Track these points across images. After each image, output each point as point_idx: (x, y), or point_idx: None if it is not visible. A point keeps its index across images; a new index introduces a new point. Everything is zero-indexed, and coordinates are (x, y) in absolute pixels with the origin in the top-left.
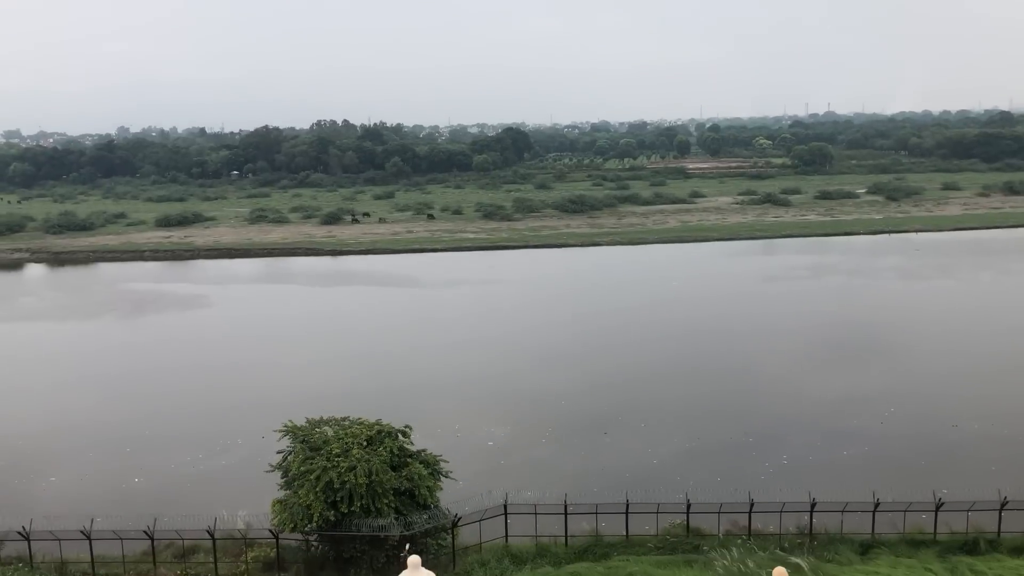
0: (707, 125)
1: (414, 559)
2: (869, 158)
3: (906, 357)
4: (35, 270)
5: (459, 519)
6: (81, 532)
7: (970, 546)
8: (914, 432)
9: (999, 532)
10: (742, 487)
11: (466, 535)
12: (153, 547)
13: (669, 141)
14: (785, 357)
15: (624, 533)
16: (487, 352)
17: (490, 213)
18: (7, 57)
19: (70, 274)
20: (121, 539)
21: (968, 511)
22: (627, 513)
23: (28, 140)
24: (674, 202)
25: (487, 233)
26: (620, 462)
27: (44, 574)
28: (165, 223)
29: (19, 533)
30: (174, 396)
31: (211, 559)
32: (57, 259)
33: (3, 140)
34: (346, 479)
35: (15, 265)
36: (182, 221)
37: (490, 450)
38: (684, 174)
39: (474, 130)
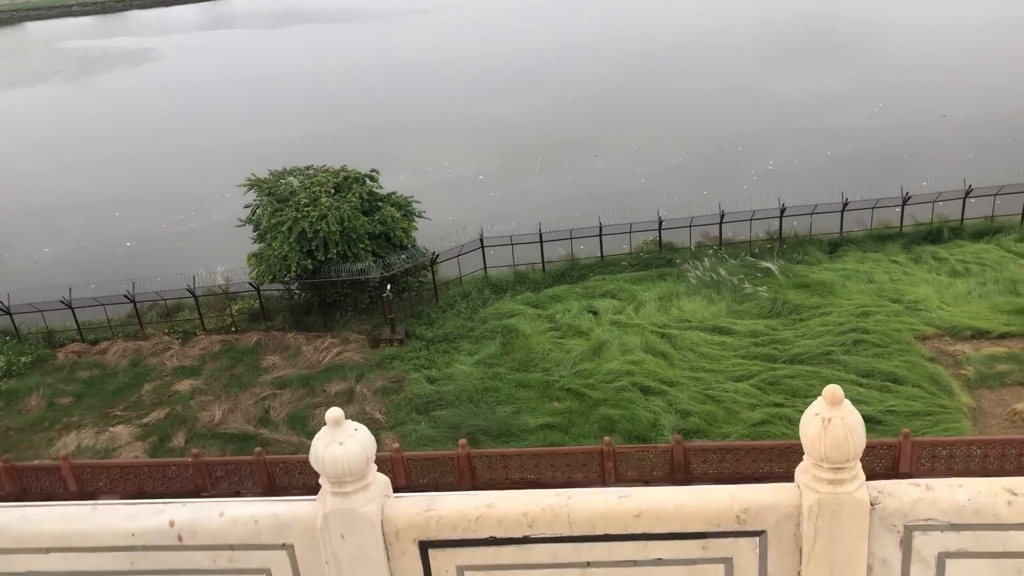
0: None
1: (334, 414)
2: None
3: (895, 50)
4: None
5: (437, 256)
6: (61, 302)
7: (934, 235)
8: (901, 125)
9: (962, 220)
10: (727, 198)
11: (446, 271)
12: (136, 309)
13: None
14: (763, 61)
15: (599, 255)
16: (460, 84)
17: None
18: None
19: None
20: (103, 305)
21: (934, 202)
22: (600, 236)
23: None
24: None
25: None
26: (610, 184)
27: (33, 344)
28: None
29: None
30: (141, 159)
31: (196, 316)
32: None
33: None
34: (319, 228)
35: None
36: None
37: (481, 184)
38: None
39: None
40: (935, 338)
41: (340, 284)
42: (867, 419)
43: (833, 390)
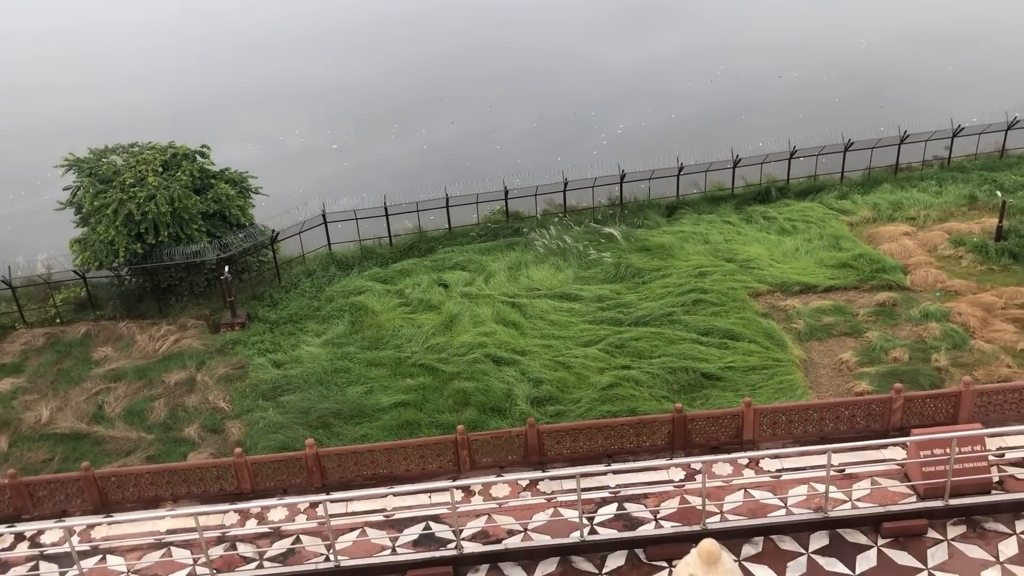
0: None
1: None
2: None
3: (733, 13)
4: None
5: (277, 234)
6: None
7: (763, 195)
8: (740, 86)
9: (788, 180)
10: (579, 163)
11: (288, 249)
12: None
13: None
14: (603, 29)
15: (447, 227)
16: (304, 47)
17: None
18: None
19: None
20: None
21: (762, 164)
22: (447, 207)
23: None
24: None
25: None
26: (466, 151)
27: None
28: None
29: None
30: None
31: (15, 308)
32: None
33: None
34: (147, 209)
35: None
36: None
37: (335, 154)
38: None
39: None
40: (767, 294)
41: (174, 268)
42: (708, 376)
43: (709, 548)
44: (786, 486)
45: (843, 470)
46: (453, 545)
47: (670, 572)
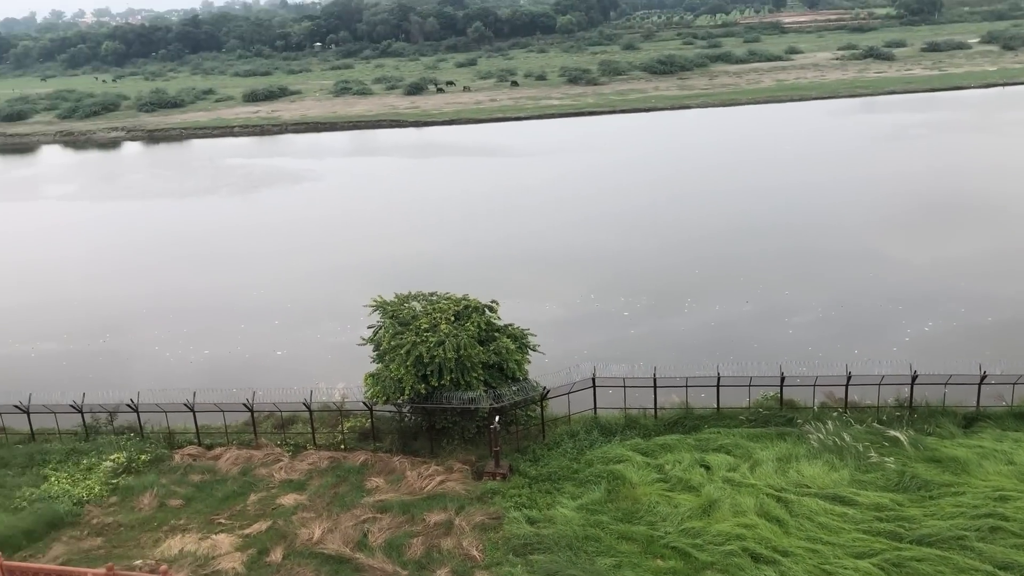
0: None
1: None
2: (983, 4)
3: None
4: (132, 148)
5: (548, 392)
6: (185, 405)
7: None
8: None
9: None
10: (876, 357)
11: (555, 407)
12: (253, 419)
13: None
14: (929, 219)
15: (715, 406)
16: (600, 221)
17: (575, 78)
18: None
19: (167, 151)
20: (223, 411)
21: None
22: (718, 386)
23: (117, 18)
24: (769, 60)
25: (572, 99)
26: (754, 331)
27: (154, 443)
28: (252, 98)
29: (128, 405)
30: (290, 271)
31: (309, 430)
32: (151, 136)
33: (94, 19)
34: (435, 354)
35: (113, 144)
36: (268, 95)
37: (624, 320)
38: (780, 29)
39: None
40: None
41: (450, 411)
42: None
43: None
44: None
45: None
46: None
47: None
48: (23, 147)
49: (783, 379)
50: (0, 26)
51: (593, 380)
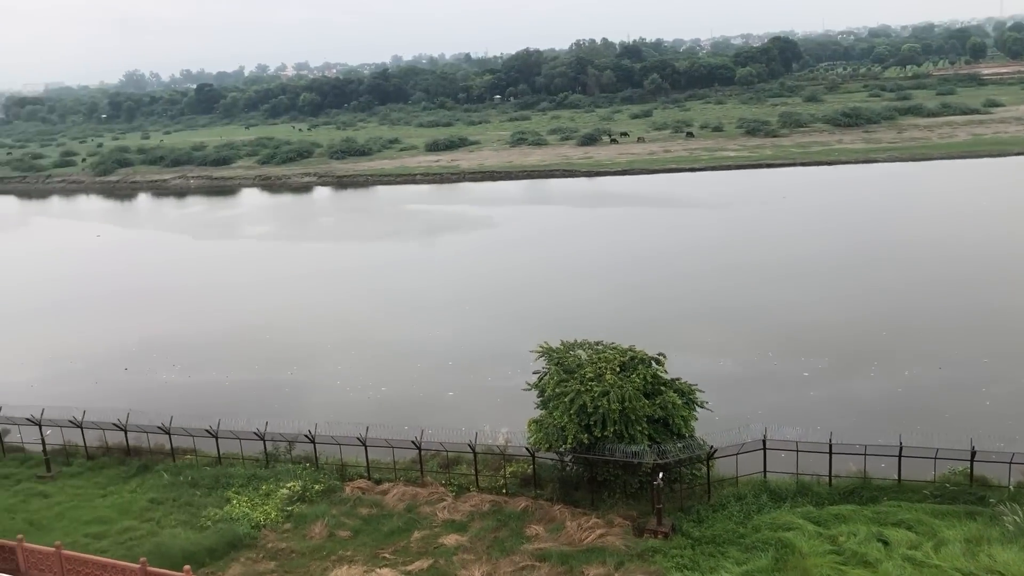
0: (1008, 24)
1: None
2: None
3: None
4: (322, 192)
5: (715, 451)
6: (357, 439)
7: None
8: None
9: None
10: None
11: (722, 467)
12: (420, 457)
13: (960, 45)
14: None
15: (896, 477)
16: (774, 274)
17: (753, 129)
18: None
19: (354, 196)
20: (392, 447)
21: None
22: (900, 456)
23: (315, 71)
24: (965, 113)
25: (749, 151)
26: (945, 400)
27: (327, 473)
28: (434, 147)
29: (306, 436)
30: (474, 310)
31: (472, 471)
32: (340, 182)
33: (294, 72)
34: (599, 404)
35: (305, 188)
36: (449, 145)
37: (802, 381)
38: (978, 81)
39: (738, 41)
40: None
41: (612, 464)
42: None
43: None
44: None
45: None
46: None
47: None
48: (226, 189)
49: (974, 453)
50: (214, 79)
51: (764, 442)
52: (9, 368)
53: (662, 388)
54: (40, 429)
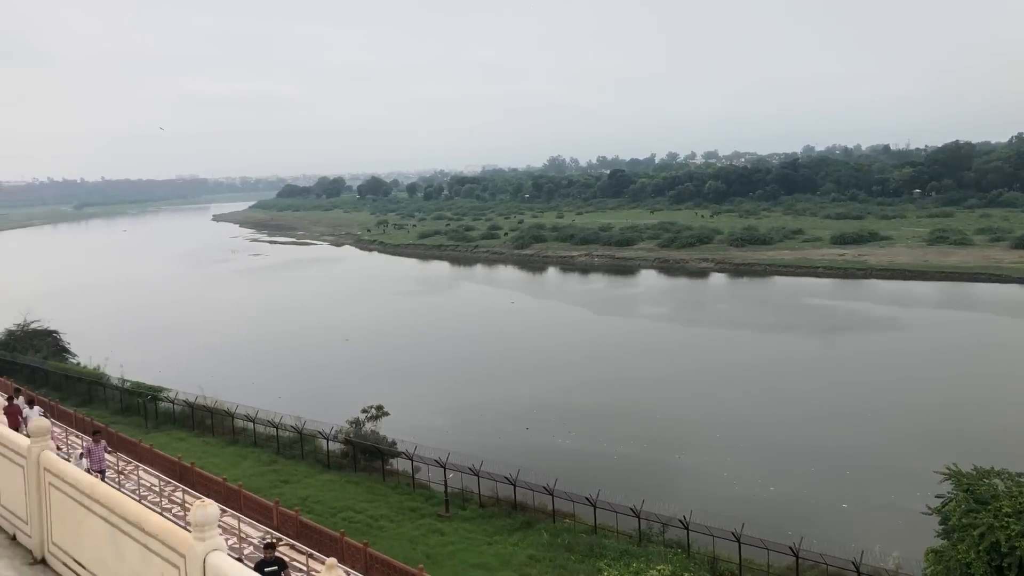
0: None
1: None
2: None
3: None
4: (718, 278)
5: None
6: (732, 534)
7: None
8: None
9: None
10: None
11: None
12: (797, 565)
13: None
14: None
15: None
16: None
17: None
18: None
19: (750, 285)
20: (768, 549)
21: None
22: None
23: (723, 160)
24: None
25: None
26: None
27: (698, 564)
28: (840, 240)
29: (680, 521)
30: (876, 421)
31: None
32: (736, 270)
33: (702, 160)
34: (1017, 544)
35: (701, 273)
36: (857, 239)
37: None
38: None
39: None
40: None
41: None
42: None
43: None
44: None
45: None
46: None
47: None
48: (627, 268)
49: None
50: (626, 165)
51: None
52: (433, 413)
53: None
54: (444, 472)
